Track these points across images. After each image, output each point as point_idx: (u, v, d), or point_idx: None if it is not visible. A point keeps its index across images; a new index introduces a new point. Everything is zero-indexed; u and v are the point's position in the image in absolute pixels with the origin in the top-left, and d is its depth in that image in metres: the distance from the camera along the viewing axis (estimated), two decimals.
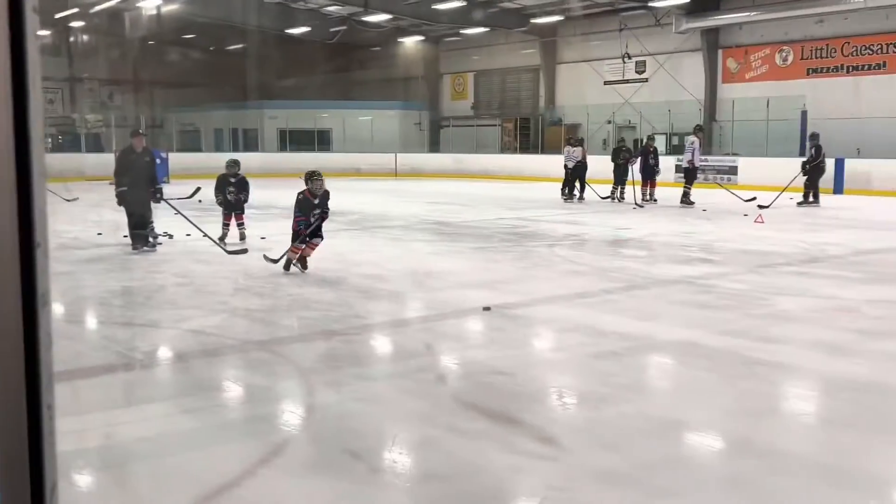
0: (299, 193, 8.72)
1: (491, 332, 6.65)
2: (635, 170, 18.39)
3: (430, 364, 5.55)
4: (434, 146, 34.74)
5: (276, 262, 8.75)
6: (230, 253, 9.94)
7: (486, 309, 6.80)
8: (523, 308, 7.21)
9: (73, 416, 4.29)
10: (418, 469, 3.82)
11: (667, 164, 20.42)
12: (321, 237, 8.90)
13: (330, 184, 8.96)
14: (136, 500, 3.49)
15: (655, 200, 18.30)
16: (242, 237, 11.35)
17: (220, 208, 11.47)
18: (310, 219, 8.63)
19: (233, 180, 11.45)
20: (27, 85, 0.83)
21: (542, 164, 26.86)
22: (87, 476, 3.73)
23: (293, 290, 8.07)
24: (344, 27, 32.24)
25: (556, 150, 28.08)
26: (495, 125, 34.02)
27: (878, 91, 23.33)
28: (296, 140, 33.50)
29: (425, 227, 14.12)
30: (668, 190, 19.20)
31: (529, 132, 33.06)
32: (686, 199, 17.64)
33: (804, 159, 18.16)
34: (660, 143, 22.68)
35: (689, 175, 17.87)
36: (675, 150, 26.47)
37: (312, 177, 8.75)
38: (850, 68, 24.02)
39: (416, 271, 9.23)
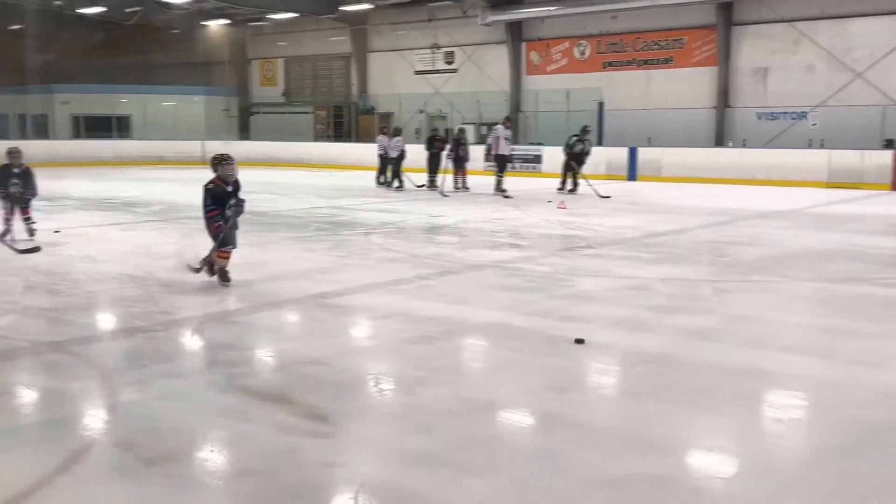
0: (207, 183, 7.34)
1: (307, 322, 6.56)
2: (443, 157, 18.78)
3: (242, 358, 5.38)
4: (244, 133, 33.73)
5: (198, 270, 7.40)
6: (21, 252, 9.15)
7: (579, 342, 5.55)
8: (340, 297, 7.17)
9: None
10: (232, 466, 3.69)
11: (475, 153, 20.99)
12: (234, 244, 7.49)
13: (131, 173, 8.45)
14: None
15: (467, 188, 18.76)
16: (31, 233, 10.35)
17: (1, 203, 10.36)
18: (225, 211, 7.32)
19: (16, 171, 10.40)
20: None
21: (357, 153, 26.82)
22: None
23: (91, 286, 7.57)
24: (140, 8, 30.51)
25: (370, 138, 28.16)
26: (308, 112, 33.54)
27: (667, 84, 25.18)
28: (92, 126, 31.36)
29: None
30: (478, 178, 19.72)
31: (343, 120, 32.88)
32: (499, 188, 18.11)
33: (577, 149, 18.42)
34: (470, 133, 23.26)
35: (501, 163, 18.36)
36: (483, 139, 27.28)
37: (222, 161, 7.34)
38: (642, 62, 25.75)
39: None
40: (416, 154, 19.75)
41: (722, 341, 5.74)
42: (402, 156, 19.38)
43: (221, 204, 7.28)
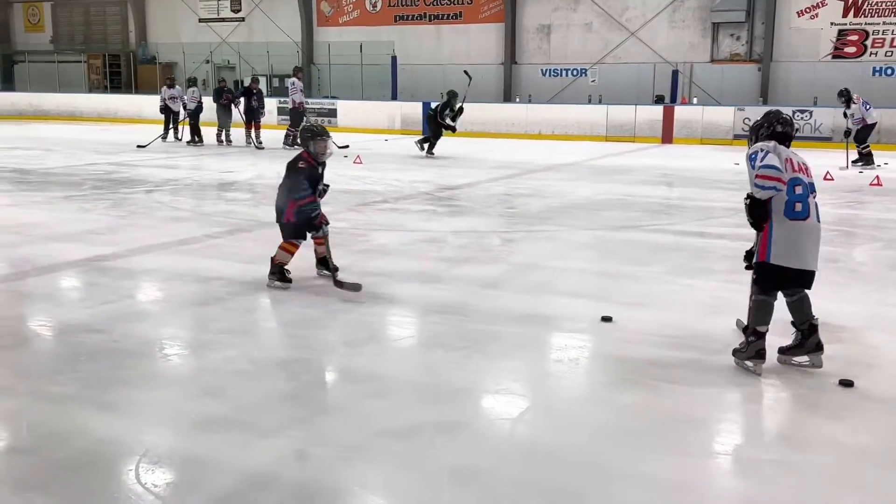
0: (297, 161, 5.97)
1: (83, 287, 6.13)
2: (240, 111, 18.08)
3: (8, 329, 4.93)
4: (7, 84, 30.62)
5: (335, 275, 5.99)
6: None
7: (607, 319, 5.13)
8: (120, 259, 6.73)
9: None
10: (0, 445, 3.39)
11: (269, 105, 20.38)
12: (325, 227, 6.14)
13: None
14: None
15: (261, 143, 18.22)
16: None
17: None
18: (316, 196, 6.03)
19: None
20: None
21: (137, 105, 25.19)
22: None
23: None
24: None
25: (152, 89, 26.50)
26: (80, 62, 30.94)
27: (457, 39, 25.60)
28: None
29: (0, 175, 12.46)
30: (274, 132, 19.18)
31: (121, 70, 30.66)
32: (291, 142, 17.69)
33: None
34: (262, 85, 22.51)
35: (296, 117, 17.91)
36: (276, 92, 26.51)
37: (316, 135, 6.02)
38: (432, 17, 25.98)
39: None
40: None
41: (509, 289, 5.98)
42: (199, 108, 18.43)
43: (314, 189, 5.99)
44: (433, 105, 17.39)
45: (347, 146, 17.18)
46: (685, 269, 6.66)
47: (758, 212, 4.14)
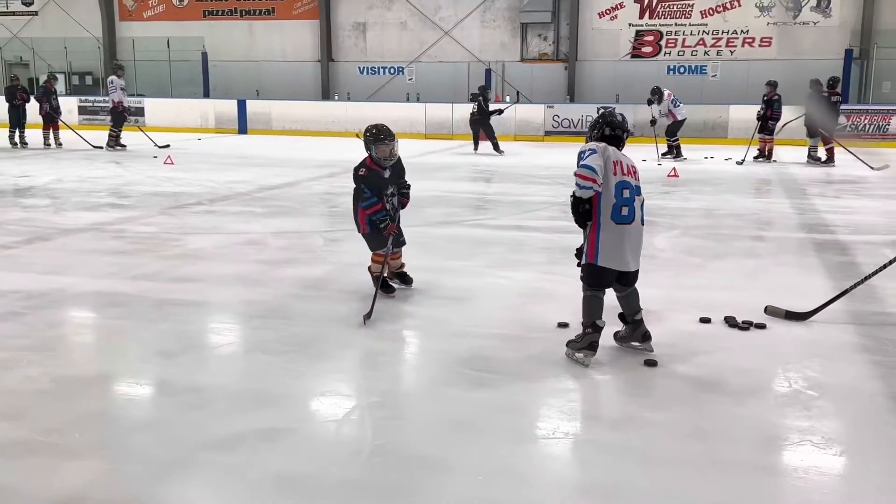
0: (359, 167, 5.55)
1: None
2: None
3: None
4: None
5: (380, 281, 5.57)
6: None
7: (563, 325, 4.87)
8: None
9: None
10: None
11: (69, 104, 19.11)
12: (402, 240, 5.78)
13: None
14: None
15: (60, 144, 17.04)
16: None
17: None
18: (384, 203, 5.53)
19: None
20: None
21: None
22: None
23: None
24: None
25: None
26: None
27: (271, 36, 25.08)
28: None
29: None
30: (72, 133, 17.96)
31: None
32: (114, 143, 16.68)
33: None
34: (60, 84, 21.02)
35: (117, 117, 16.90)
36: (76, 90, 24.91)
37: (379, 137, 5.49)
38: (244, 12, 25.29)
39: None
40: None
41: (333, 289, 5.91)
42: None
43: (380, 195, 5.52)
44: (472, 108, 17.13)
45: (168, 146, 16.46)
46: (504, 261, 6.87)
47: (579, 209, 4.23)
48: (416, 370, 4.47)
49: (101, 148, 16.65)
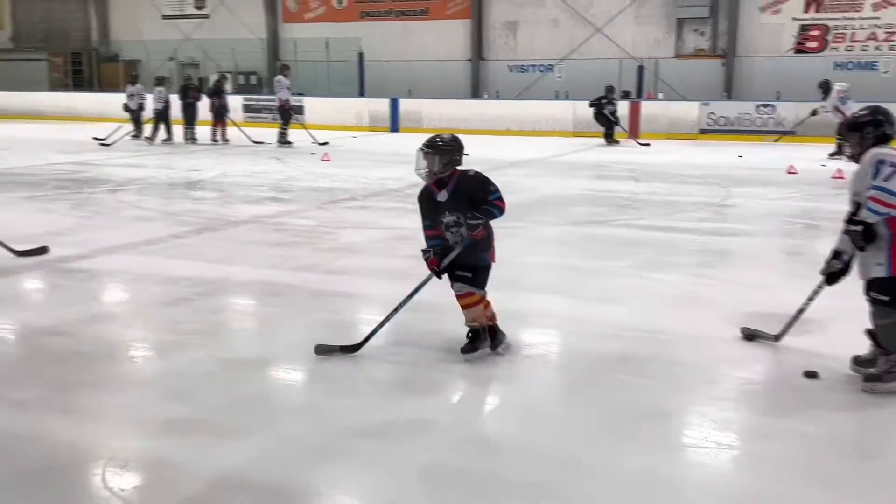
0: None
1: (45, 289, 6.04)
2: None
3: None
4: None
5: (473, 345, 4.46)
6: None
7: (812, 376, 4.13)
8: (84, 260, 6.63)
9: None
10: None
11: (234, 103, 20.23)
12: (466, 278, 4.48)
13: None
14: None
15: (227, 140, 18.06)
16: None
17: None
18: (442, 231, 4.57)
19: None
20: None
21: (100, 104, 24.78)
22: None
23: None
24: None
25: (115, 87, 26.12)
26: (42, 59, 30.40)
27: (424, 36, 25.56)
28: None
29: None
30: (236, 129, 19.01)
31: (82, 68, 30.18)
32: (283, 139, 17.47)
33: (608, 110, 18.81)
34: (227, 83, 22.31)
35: (285, 115, 17.68)
36: (242, 89, 26.29)
37: (421, 148, 4.63)
38: (399, 13, 25.90)
39: None
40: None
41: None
42: (166, 107, 18.18)
43: (434, 220, 4.54)
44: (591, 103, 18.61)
45: (327, 143, 17.12)
46: (652, 263, 6.72)
47: (867, 235, 3.78)
48: (560, 371, 4.46)
49: (262, 143, 17.51)
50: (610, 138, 18.45)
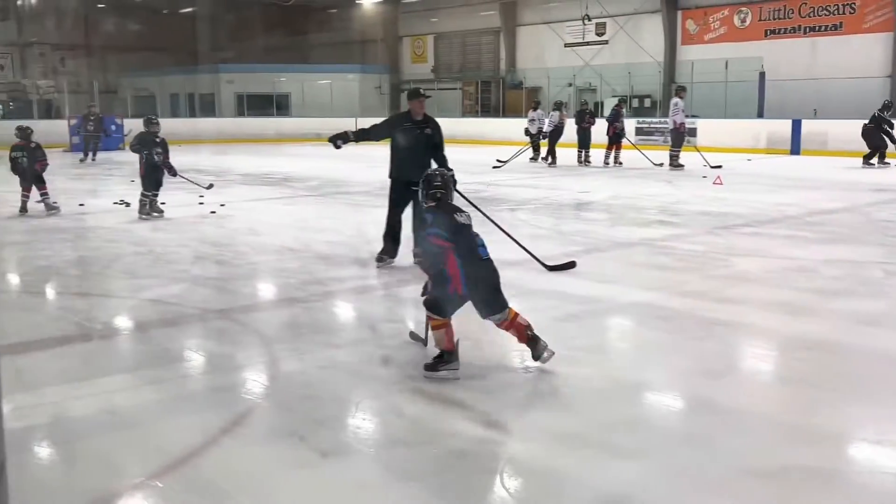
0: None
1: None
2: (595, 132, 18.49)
3: (396, 331, 5.54)
4: (395, 110, 34.42)
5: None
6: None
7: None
8: None
9: (32, 389, 4.23)
10: (382, 435, 3.82)
11: (628, 126, 20.54)
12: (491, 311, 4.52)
13: (286, 149, 8.73)
14: (94, 473, 3.44)
15: (620, 163, 18.39)
16: (50, 208, 10.77)
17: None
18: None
19: (33, 146, 10.84)
20: None
21: (504, 128, 26.79)
22: (40, 451, 3.67)
23: (254, 258, 7.99)
24: None
25: (518, 113, 28.03)
26: (456, 88, 33.79)
27: (835, 52, 23.59)
28: (254, 105, 32.97)
29: (382, 192, 14.01)
30: (631, 152, 19.27)
31: (490, 96, 32.92)
32: (675, 162, 17.52)
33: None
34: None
35: (677, 137, 17.75)
36: (636, 112, 26.56)
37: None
38: (807, 29, 24.24)
39: (377, 238, 9.16)
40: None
41: (887, 325, 5.37)
42: (557, 131, 19.22)
43: (457, 239, 4.57)
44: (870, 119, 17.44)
45: (720, 166, 16.65)
46: None
47: None
48: None
49: (662, 165, 17.52)
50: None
